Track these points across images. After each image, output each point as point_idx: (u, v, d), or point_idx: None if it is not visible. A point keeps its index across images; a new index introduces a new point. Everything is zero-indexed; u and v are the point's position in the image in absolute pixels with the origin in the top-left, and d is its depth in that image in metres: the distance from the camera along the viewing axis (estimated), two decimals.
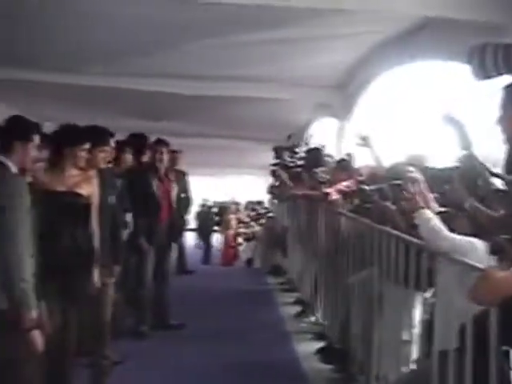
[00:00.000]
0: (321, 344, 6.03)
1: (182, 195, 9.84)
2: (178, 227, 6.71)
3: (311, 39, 5.87)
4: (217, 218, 20.00)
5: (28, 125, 3.63)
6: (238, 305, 8.26)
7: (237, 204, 19.06)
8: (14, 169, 3.47)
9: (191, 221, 19.28)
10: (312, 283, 7.36)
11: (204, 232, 19.37)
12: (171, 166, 9.42)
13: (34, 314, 3.36)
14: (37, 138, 3.58)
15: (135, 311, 6.58)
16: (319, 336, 6.41)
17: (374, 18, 5.37)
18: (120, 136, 6.14)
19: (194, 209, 21.40)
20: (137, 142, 6.38)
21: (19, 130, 3.57)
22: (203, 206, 21.00)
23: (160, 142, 6.59)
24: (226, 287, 9.65)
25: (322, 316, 6.84)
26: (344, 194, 6.02)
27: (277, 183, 9.78)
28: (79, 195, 4.28)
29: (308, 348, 6.14)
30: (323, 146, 7.89)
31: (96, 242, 4.39)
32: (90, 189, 4.37)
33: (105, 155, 4.62)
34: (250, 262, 14.35)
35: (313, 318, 7.13)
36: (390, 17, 5.42)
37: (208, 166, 18.27)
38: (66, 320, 4.33)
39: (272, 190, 10.41)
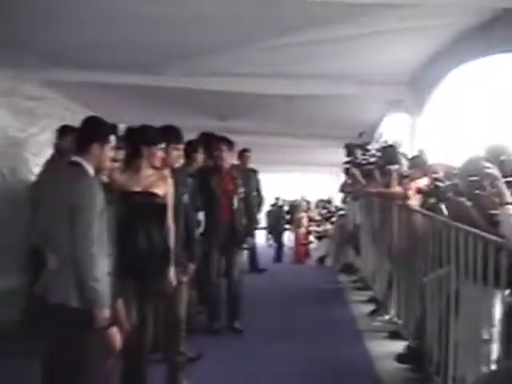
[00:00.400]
0: (395, 343, 5.98)
1: (254, 194, 9.92)
2: (245, 226, 6.64)
3: (382, 34, 5.76)
4: (288, 217, 19.98)
5: (105, 126, 3.69)
6: (310, 303, 8.24)
7: (308, 202, 19.00)
8: (89, 169, 3.53)
9: (263, 219, 19.44)
10: (385, 281, 7.27)
11: (275, 230, 19.42)
12: (241, 164, 9.55)
13: (106, 312, 3.41)
14: (113, 139, 3.64)
15: (208, 308, 6.67)
16: (393, 335, 6.34)
17: (444, 11, 5.25)
18: (191, 135, 6.28)
19: (266, 207, 21.57)
20: (207, 141, 6.44)
21: (96, 131, 3.63)
22: (274, 204, 21.04)
23: (220, 140, 6.58)
24: (298, 285, 9.62)
25: (395, 314, 6.76)
26: (421, 192, 5.92)
27: (349, 181, 9.71)
28: (155, 195, 4.36)
29: (381, 347, 6.09)
30: (397, 143, 7.78)
31: (171, 241, 4.45)
32: (165, 188, 4.44)
33: (178, 154, 4.67)
34: (321, 260, 14.29)
35: (386, 317, 7.04)
36: (462, 10, 5.29)
37: (278, 164, 18.30)
38: (143, 318, 4.43)
39: (344, 187, 10.34)
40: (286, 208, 21.02)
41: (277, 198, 21.80)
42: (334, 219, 13.08)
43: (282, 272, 12.10)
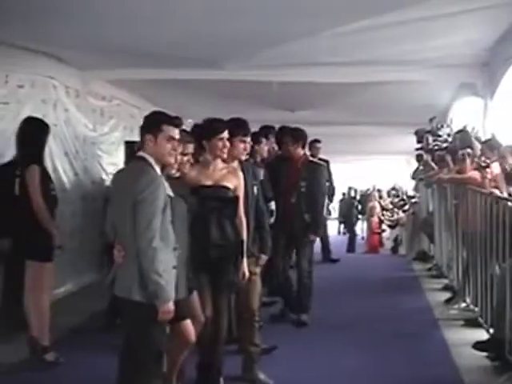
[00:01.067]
0: (472, 331, 5.88)
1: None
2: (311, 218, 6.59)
3: (452, 16, 5.60)
4: (360, 206, 19.85)
5: (156, 116, 3.68)
6: (384, 292, 8.16)
7: (379, 191, 18.81)
8: (153, 163, 3.55)
9: (335, 210, 19.37)
10: (461, 269, 7.13)
11: (348, 220, 19.32)
12: (312, 155, 9.51)
13: (170, 306, 3.43)
14: (170, 130, 3.58)
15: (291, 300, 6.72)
16: (470, 323, 6.22)
17: None
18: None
19: (338, 197, 21.49)
20: (268, 133, 6.45)
21: (147, 122, 3.64)
22: (346, 194, 20.95)
23: (285, 133, 6.57)
24: (371, 275, 9.54)
25: (472, 302, 6.62)
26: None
27: (421, 168, 9.55)
28: (226, 188, 4.39)
29: (459, 335, 5.99)
30: (472, 128, 7.60)
31: (243, 233, 4.48)
32: (236, 181, 4.46)
33: (244, 146, 4.67)
34: (394, 249, 14.15)
35: (463, 305, 6.90)
36: None
37: (350, 154, 18.17)
38: (218, 310, 4.47)
39: (416, 174, 10.18)
40: (358, 197, 20.90)
41: (349, 188, 21.69)
42: (406, 207, 12.88)
43: (354, 262, 12.04)
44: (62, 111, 7.46)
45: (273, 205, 6.06)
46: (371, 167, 23.26)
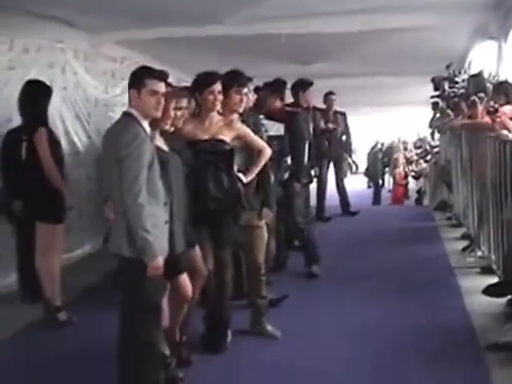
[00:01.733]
0: (487, 278, 5.81)
1: (343, 137, 9.83)
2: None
3: None
4: (386, 159, 19.66)
5: (140, 71, 3.62)
6: (401, 243, 8.14)
7: (405, 143, 18.58)
8: (141, 119, 3.52)
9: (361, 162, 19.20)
10: (477, 216, 7.05)
11: (373, 173, 19.17)
12: (327, 108, 9.44)
13: (158, 262, 3.43)
14: (153, 84, 3.52)
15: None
16: (486, 270, 6.17)
17: None
18: None
19: (364, 151, 21.31)
20: (278, 86, 6.38)
21: (132, 77, 3.59)
22: (374, 147, 20.74)
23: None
24: (390, 226, 9.52)
25: (487, 249, 6.56)
26: None
27: (437, 115, 9.41)
28: (222, 141, 4.36)
29: (473, 282, 5.93)
30: (489, 73, 7.42)
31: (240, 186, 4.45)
32: (232, 134, 4.44)
33: (240, 97, 4.61)
34: (418, 200, 14.03)
35: (479, 253, 6.85)
36: None
37: (371, 105, 17.92)
38: (220, 263, 4.49)
39: (432, 123, 10.03)
40: (383, 150, 20.69)
41: (376, 142, 21.45)
42: (428, 157, 12.73)
43: (375, 213, 11.97)
44: (71, 74, 7.45)
45: (288, 160, 6.06)
46: (395, 119, 22.96)
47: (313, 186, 9.45)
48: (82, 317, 5.24)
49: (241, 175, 4.46)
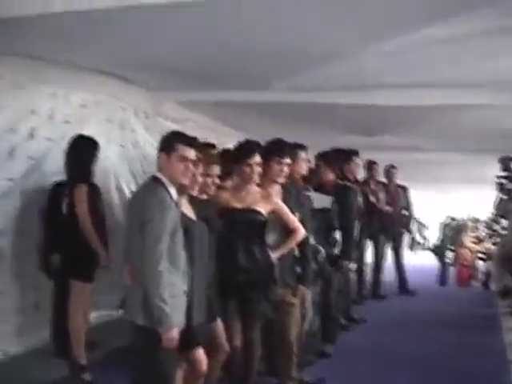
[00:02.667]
0: None
1: (405, 212, 9.52)
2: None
3: None
4: (453, 236, 19.00)
5: (172, 136, 3.61)
6: (457, 328, 7.72)
7: (474, 221, 17.92)
8: (168, 184, 3.45)
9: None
10: None
11: (441, 251, 18.51)
12: (388, 181, 9.20)
13: (174, 333, 3.28)
14: (184, 150, 3.49)
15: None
16: None
17: None
18: None
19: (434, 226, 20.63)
20: (334, 156, 6.23)
21: (162, 141, 3.60)
22: (444, 223, 20.11)
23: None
24: (449, 309, 9.07)
25: None
26: None
27: (504, 197, 9.02)
28: (256, 212, 4.21)
29: None
30: None
31: (273, 260, 4.26)
32: (268, 206, 4.28)
33: (280, 168, 4.46)
34: (485, 283, 13.40)
35: None
36: None
37: (440, 181, 17.42)
38: (249, 339, 4.29)
39: (500, 205, 9.61)
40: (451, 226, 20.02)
41: (447, 217, 20.80)
42: (497, 239, 12.19)
43: (435, 294, 11.33)
44: (129, 132, 7.47)
45: (337, 234, 5.84)
46: (455, 195, 22.29)
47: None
48: (107, 378, 5.09)
49: (269, 250, 4.28)
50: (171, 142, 3.51)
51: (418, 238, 22.35)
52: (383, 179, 9.48)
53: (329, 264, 5.79)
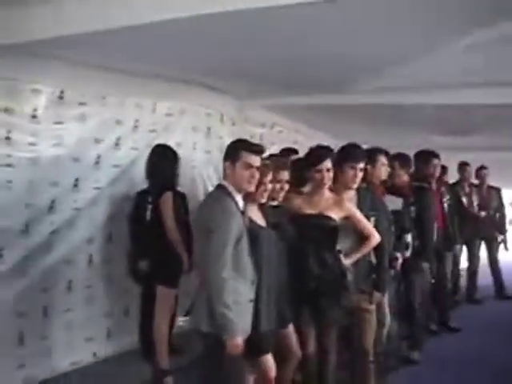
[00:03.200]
0: None
1: (497, 214, 9.19)
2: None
3: None
4: None
5: (236, 144, 3.65)
6: None
7: None
8: (234, 192, 3.49)
9: None
10: None
11: None
12: (480, 183, 8.91)
13: (238, 340, 3.30)
14: (248, 157, 3.52)
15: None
16: None
17: None
18: None
19: None
20: (408, 157, 6.08)
21: (227, 150, 3.63)
22: None
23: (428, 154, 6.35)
24: None
25: None
26: None
27: None
28: (328, 218, 4.17)
29: None
30: None
31: (346, 266, 4.21)
32: (340, 213, 4.23)
33: (354, 173, 4.39)
34: None
35: None
36: None
37: None
38: (323, 347, 4.26)
39: None
40: None
41: None
42: None
43: None
44: (216, 138, 7.57)
45: (409, 237, 5.68)
46: None
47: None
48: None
49: (341, 257, 4.22)
50: (236, 150, 3.55)
51: None
52: (475, 181, 9.15)
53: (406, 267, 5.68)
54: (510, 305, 9.23)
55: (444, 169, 7.64)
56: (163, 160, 5.45)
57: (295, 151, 6.34)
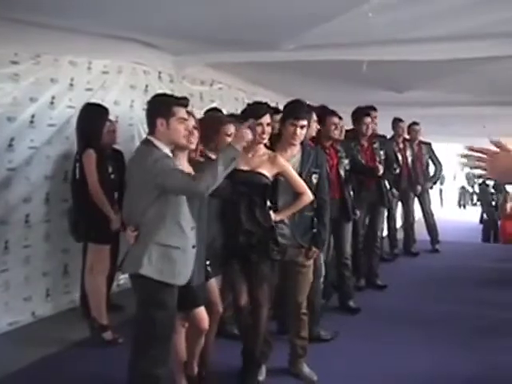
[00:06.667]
0: None
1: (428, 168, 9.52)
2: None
3: None
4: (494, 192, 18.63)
5: (167, 100, 3.62)
6: (487, 286, 7.64)
7: None
8: (161, 146, 3.50)
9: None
10: None
11: (485, 207, 18.19)
12: (411, 138, 9.17)
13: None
14: (180, 111, 3.51)
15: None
16: None
17: None
18: None
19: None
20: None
21: (157, 106, 3.57)
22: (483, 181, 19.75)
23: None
24: (482, 266, 9.00)
25: None
26: None
27: None
28: (261, 175, 4.21)
29: None
30: None
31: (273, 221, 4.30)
32: (273, 169, 4.26)
33: (294, 129, 4.34)
34: None
35: None
36: None
37: (475, 136, 16.98)
38: (255, 300, 4.32)
39: None
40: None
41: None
42: None
43: (469, 251, 10.74)
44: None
45: None
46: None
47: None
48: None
49: (271, 213, 4.31)
50: (168, 106, 3.51)
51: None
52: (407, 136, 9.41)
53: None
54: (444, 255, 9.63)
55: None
56: (87, 118, 5.38)
57: (219, 110, 6.28)
